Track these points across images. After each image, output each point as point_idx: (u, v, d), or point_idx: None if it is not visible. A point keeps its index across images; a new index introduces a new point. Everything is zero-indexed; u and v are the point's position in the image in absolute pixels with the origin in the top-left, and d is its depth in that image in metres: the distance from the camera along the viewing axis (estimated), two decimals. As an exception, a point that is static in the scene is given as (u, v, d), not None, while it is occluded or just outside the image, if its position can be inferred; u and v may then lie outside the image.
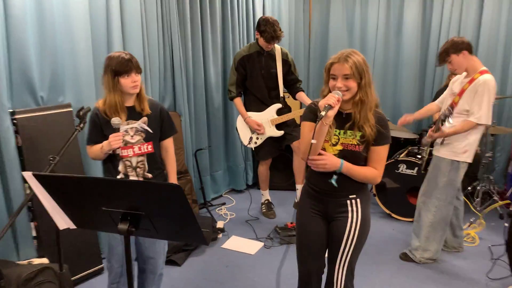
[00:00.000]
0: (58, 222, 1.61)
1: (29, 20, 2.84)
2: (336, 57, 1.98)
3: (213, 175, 4.76)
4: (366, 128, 1.99)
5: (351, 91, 1.97)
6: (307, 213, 2.20)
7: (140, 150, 2.35)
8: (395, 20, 5.40)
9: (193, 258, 3.52)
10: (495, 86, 3.07)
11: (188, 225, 1.45)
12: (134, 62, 2.26)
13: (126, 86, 2.26)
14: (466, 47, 3.10)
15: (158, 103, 2.49)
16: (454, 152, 3.17)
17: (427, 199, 3.33)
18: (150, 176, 2.41)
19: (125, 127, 2.32)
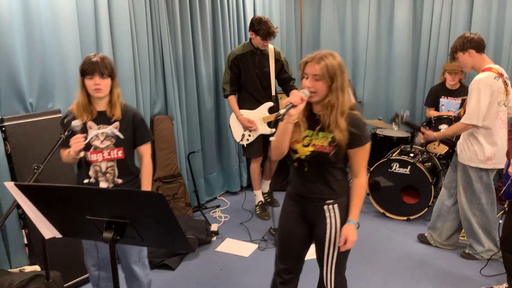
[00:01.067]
0: (44, 231, 1.60)
1: (16, 26, 2.83)
2: (311, 57, 1.97)
3: (207, 177, 4.75)
4: (336, 132, 1.97)
5: (319, 93, 1.96)
6: (289, 214, 2.22)
7: (109, 156, 2.33)
8: (386, 20, 5.41)
9: (187, 262, 3.51)
10: (492, 84, 3.01)
11: (172, 233, 1.44)
12: (101, 65, 2.22)
13: (89, 88, 2.26)
14: (474, 46, 3.07)
15: (132, 109, 2.44)
16: (479, 160, 3.15)
17: (470, 206, 3.32)
18: (121, 181, 2.38)
19: (95, 131, 2.30)
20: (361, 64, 5.64)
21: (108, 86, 2.29)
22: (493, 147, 3.12)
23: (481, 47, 3.10)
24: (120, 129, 2.35)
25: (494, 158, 3.14)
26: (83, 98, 2.29)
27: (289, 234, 2.22)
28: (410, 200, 4.12)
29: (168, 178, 4.06)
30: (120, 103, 2.38)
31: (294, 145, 2.05)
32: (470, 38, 3.08)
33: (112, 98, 2.33)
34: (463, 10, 4.87)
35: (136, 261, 2.49)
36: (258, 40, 3.89)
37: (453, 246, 3.61)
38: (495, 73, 3.06)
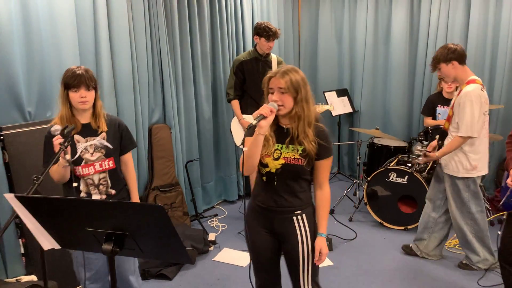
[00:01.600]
0: (43, 242, 1.59)
1: (15, 35, 2.83)
2: (274, 72, 2.05)
3: (205, 186, 4.75)
4: (306, 143, 2.03)
5: (286, 106, 2.01)
6: (255, 230, 2.21)
7: (101, 167, 2.33)
8: (383, 29, 5.45)
9: (184, 272, 3.49)
10: (480, 95, 3.08)
11: (172, 245, 1.44)
12: (86, 78, 2.21)
13: (74, 101, 2.23)
14: (456, 58, 3.12)
15: (116, 118, 2.47)
16: (465, 169, 3.19)
17: (461, 215, 3.33)
18: (114, 192, 2.38)
19: (83, 144, 2.29)
20: (359, 73, 5.67)
21: (93, 98, 2.28)
22: (477, 155, 3.18)
23: (463, 59, 3.17)
24: (108, 139, 2.35)
25: (479, 166, 3.20)
26: (67, 111, 2.26)
27: (261, 249, 2.22)
28: (407, 210, 4.13)
29: (166, 187, 4.06)
30: (103, 114, 2.38)
31: (264, 159, 2.08)
32: (454, 49, 3.13)
33: (96, 110, 2.33)
34: (460, 19, 4.92)
35: (132, 271, 2.48)
36: (263, 42, 4.01)
37: (439, 256, 3.62)
38: (479, 84, 3.13)
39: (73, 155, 2.26)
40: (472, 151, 3.17)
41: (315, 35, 5.92)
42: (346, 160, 6.01)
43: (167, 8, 4.01)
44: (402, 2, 5.24)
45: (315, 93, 5.99)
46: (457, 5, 4.91)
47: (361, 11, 5.53)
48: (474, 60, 4.87)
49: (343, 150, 5.97)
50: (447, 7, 4.97)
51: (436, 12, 5.03)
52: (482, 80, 4.82)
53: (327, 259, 3.64)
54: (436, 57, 3.19)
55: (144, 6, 3.75)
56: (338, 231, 4.13)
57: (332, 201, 4.71)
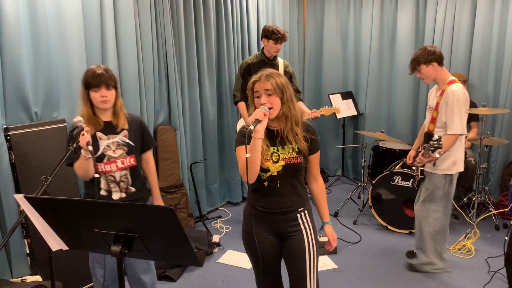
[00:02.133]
0: (51, 243, 1.59)
1: (23, 36, 2.84)
2: (258, 76, 2.07)
3: (209, 188, 4.75)
4: (298, 142, 2.10)
5: (275, 107, 2.05)
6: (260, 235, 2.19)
7: (123, 164, 2.35)
8: (388, 32, 5.45)
9: (188, 274, 3.49)
10: (465, 95, 3.12)
11: (181, 247, 1.44)
12: (106, 77, 2.24)
13: (95, 100, 2.27)
14: (436, 59, 3.16)
15: (137, 116, 2.50)
16: (446, 167, 3.21)
17: (425, 213, 3.34)
18: (134, 190, 2.41)
19: (106, 142, 2.32)
20: (364, 76, 5.66)
21: (114, 97, 2.32)
22: (457, 152, 3.20)
23: (442, 60, 3.20)
24: (129, 137, 2.38)
25: (458, 163, 3.21)
26: (88, 110, 2.30)
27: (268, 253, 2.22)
28: (412, 213, 4.09)
29: (170, 189, 4.06)
30: (124, 112, 2.41)
31: (264, 164, 2.09)
32: (433, 51, 3.17)
33: (116, 109, 2.36)
34: (465, 23, 4.91)
35: (145, 269, 2.50)
36: (271, 45, 4.02)
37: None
38: (460, 83, 3.17)
39: (95, 151, 2.28)
40: (454, 149, 3.18)
41: (320, 37, 5.92)
42: (350, 163, 6.00)
43: (173, 10, 4.02)
44: (408, 5, 5.24)
45: (320, 96, 5.99)
46: (463, 8, 4.91)
47: (366, 14, 5.53)
48: (480, 64, 4.87)
49: (347, 153, 5.96)
50: (452, 10, 4.97)
51: (442, 15, 5.03)
52: (487, 85, 4.85)
53: (331, 262, 3.64)
54: (416, 59, 3.21)
55: (151, 8, 3.76)
56: (342, 234, 4.12)
57: (336, 204, 4.77)
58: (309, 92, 6.11)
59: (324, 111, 3.97)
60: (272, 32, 3.96)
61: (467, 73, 5.00)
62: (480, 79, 4.92)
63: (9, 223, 2.85)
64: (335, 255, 3.78)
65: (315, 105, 5.96)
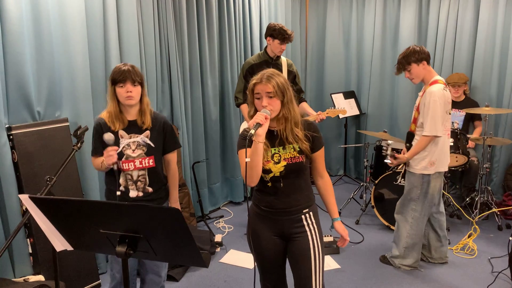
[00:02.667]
0: (55, 244, 1.59)
1: (26, 35, 2.84)
2: (259, 78, 2.05)
3: (211, 187, 4.74)
4: (299, 142, 2.08)
5: (275, 109, 2.03)
6: (263, 235, 2.19)
7: (141, 164, 2.35)
8: (391, 32, 5.44)
9: (191, 273, 3.48)
10: (444, 95, 3.09)
11: (187, 248, 1.43)
12: (132, 73, 2.26)
13: (120, 96, 2.28)
14: (425, 58, 3.15)
15: (162, 117, 2.49)
16: (423, 166, 3.21)
17: (404, 211, 3.38)
18: (151, 190, 2.41)
19: (126, 141, 2.33)
20: (366, 76, 5.65)
21: (139, 93, 2.32)
22: (436, 152, 3.18)
23: (429, 59, 3.19)
24: (151, 137, 2.38)
25: (437, 163, 3.19)
26: (115, 107, 2.32)
27: (271, 254, 2.21)
28: (415, 214, 4.10)
29: (172, 188, 4.05)
30: (150, 111, 2.41)
31: (265, 165, 2.08)
32: (422, 50, 3.14)
33: (142, 106, 2.36)
34: (468, 23, 4.90)
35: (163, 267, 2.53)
36: (276, 44, 3.84)
37: (446, 258, 3.58)
38: (443, 84, 3.14)
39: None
40: (432, 149, 3.17)
41: (322, 37, 5.91)
42: (352, 162, 5.99)
43: (176, 10, 4.01)
44: (411, 5, 5.23)
45: (322, 95, 5.98)
46: (466, 8, 4.89)
47: (369, 13, 5.51)
48: (483, 64, 4.85)
49: (349, 152, 5.95)
50: (455, 10, 4.95)
51: (445, 15, 5.01)
52: (490, 85, 4.83)
53: (334, 262, 3.63)
54: (406, 57, 3.16)
55: (154, 7, 3.75)
56: (345, 234, 4.11)
57: (339, 203, 4.75)
58: (311, 91, 6.10)
59: (330, 113, 3.91)
60: (278, 32, 3.79)
61: (470, 73, 4.99)
62: (483, 79, 4.90)
63: (11, 222, 2.84)
64: (338, 255, 3.77)
65: (318, 105, 5.95)
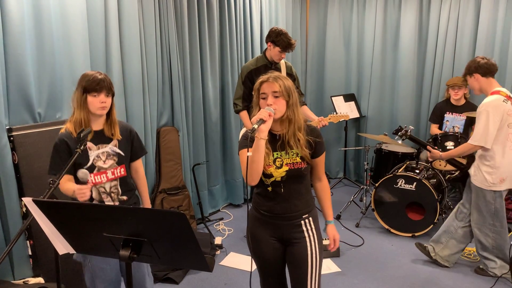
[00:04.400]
0: (58, 247, 1.58)
1: (27, 36, 2.82)
2: (266, 77, 2.05)
3: (211, 189, 4.73)
4: (298, 146, 2.07)
5: (280, 110, 2.03)
6: (263, 239, 2.19)
7: (113, 175, 2.31)
8: (391, 35, 5.44)
9: (191, 276, 3.47)
10: (499, 106, 3.06)
11: (191, 252, 1.42)
12: (107, 83, 2.21)
13: (93, 105, 2.21)
14: (479, 71, 3.16)
15: (126, 125, 2.45)
16: (492, 182, 3.17)
17: (482, 227, 3.32)
18: (126, 198, 2.36)
19: (95, 152, 2.26)
20: (366, 79, 5.65)
21: (110, 104, 2.27)
22: (505, 168, 3.14)
23: (488, 72, 3.17)
24: (120, 146, 2.33)
25: (506, 180, 3.16)
26: (85, 115, 2.23)
27: (270, 258, 2.21)
28: (415, 217, 4.10)
29: (173, 190, 4.04)
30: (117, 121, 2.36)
31: (267, 169, 2.07)
32: (477, 61, 3.18)
33: (112, 117, 2.31)
34: (469, 27, 4.91)
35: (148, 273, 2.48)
36: (276, 52, 3.71)
37: (452, 263, 3.58)
38: (503, 96, 3.12)
39: (85, 163, 2.23)
40: (500, 165, 3.13)
41: (323, 39, 5.91)
42: (352, 165, 5.99)
43: (177, 11, 4.00)
44: (411, 7, 5.23)
45: (322, 98, 5.98)
46: (466, 11, 4.90)
47: (369, 16, 5.52)
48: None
49: (349, 155, 5.95)
50: (456, 14, 4.97)
51: (445, 18, 5.03)
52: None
53: (334, 265, 3.62)
54: (465, 69, 3.29)
55: (155, 9, 3.74)
56: (345, 237, 4.11)
57: (338, 206, 4.75)
58: (311, 94, 6.10)
59: (333, 119, 3.84)
60: (281, 40, 3.62)
61: (470, 76, 4.99)
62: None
63: (12, 224, 2.83)
64: (338, 258, 3.76)
65: (318, 107, 5.95)
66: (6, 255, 1.47)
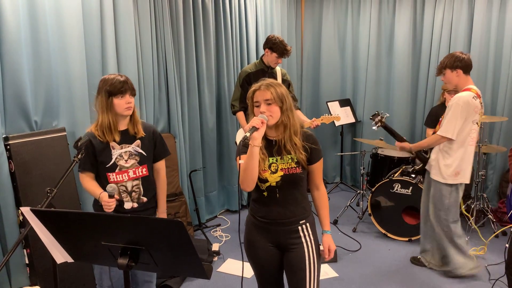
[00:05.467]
0: (56, 256, 1.58)
1: (23, 44, 2.83)
2: (258, 85, 2.08)
3: (208, 196, 4.73)
4: (296, 152, 2.08)
5: (275, 116, 2.04)
6: (260, 245, 2.19)
7: (135, 174, 2.35)
8: (386, 40, 5.48)
9: (189, 283, 3.47)
10: (470, 102, 3.13)
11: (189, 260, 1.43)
12: (130, 84, 2.30)
13: (120, 107, 2.27)
14: (462, 67, 3.20)
15: (151, 125, 2.51)
16: (448, 175, 3.24)
17: (436, 222, 3.38)
18: (145, 200, 2.41)
19: (118, 151, 2.31)
20: (361, 84, 5.68)
21: (133, 104, 2.35)
22: (461, 162, 3.23)
23: (469, 69, 3.24)
24: (142, 146, 2.38)
25: (461, 173, 3.24)
26: (111, 118, 2.28)
27: (267, 264, 2.21)
28: (411, 221, 4.12)
29: (170, 197, 4.03)
30: (139, 120, 2.42)
31: (262, 174, 2.08)
32: (461, 58, 3.21)
33: (134, 116, 2.38)
34: (463, 31, 4.95)
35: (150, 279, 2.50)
36: (273, 57, 3.97)
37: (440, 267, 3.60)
38: (474, 93, 3.19)
39: (108, 161, 2.30)
40: (457, 158, 3.22)
41: (318, 44, 5.95)
42: (349, 170, 6.00)
43: (173, 18, 4.02)
44: (405, 12, 5.28)
45: (318, 103, 6.01)
46: (460, 15, 4.95)
47: (364, 20, 5.56)
48: (477, 72, 4.89)
49: (345, 160, 5.97)
50: (450, 19, 5.01)
51: (439, 22, 5.07)
52: (485, 92, 4.87)
53: (331, 271, 3.63)
54: (444, 63, 3.27)
55: (151, 16, 3.76)
56: (342, 242, 4.12)
57: (335, 211, 4.76)
58: (307, 99, 6.12)
59: (325, 119, 3.98)
60: (278, 46, 3.90)
61: (464, 80, 5.02)
62: (478, 86, 4.83)
63: (8, 232, 2.82)
64: (336, 263, 3.77)
65: (313, 112, 5.97)
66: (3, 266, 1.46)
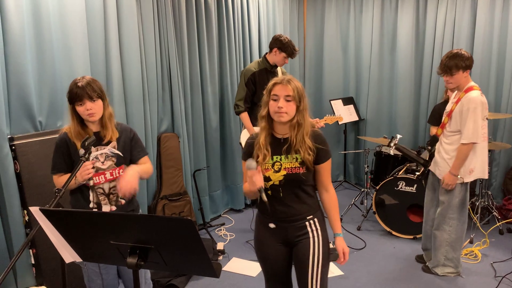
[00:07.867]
0: (64, 255, 1.58)
1: (28, 45, 2.83)
2: (280, 79, 2.06)
3: (212, 195, 4.73)
4: (303, 152, 2.05)
5: (290, 114, 2.03)
6: (268, 243, 2.20)
7: (112, 176, 2.30)
8: (389, 38, 5.47)
9: (194, 282, 3.47)
10: (483, 102, 3.08)
11: (198, 258, 1.43)
12: (88, 90, 2.14)
13: (82, 114, 2.19)
14: (470, 67, 3.11)
15: (126, 126, 2.43)
16: (463, 174, 3.18)
17: (441, 220, 3.34)
18: (124, 202, 2.36)
19: (94, 153, 2.25)
20: (364, 82, 5.67)
21: (101, 107, 2.23)
22: (475, 159, 3.18)
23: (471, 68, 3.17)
24: (118, 147, 2.33)
25: (475, 170, 3.19)
26: (76, 125, 2.22)
27: (275, 262, 2.22)
28: (416, 219, 4.11)
29: (174, 196, 4.04)
30: (113, 122, 2.34)
31: (265, 173, 2.07)
32: (469, 57, 3.09)
33: (104, 119, 2.27)
34: (466, 29, 4.94)
35: (142, 283, 2.46)
36: (281, 57, 3.96)
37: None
38: (478, 90, 3.13)
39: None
40: (471, 155, 3.15)
41: (321, 43, 5.94)
42: (352, 168, 6.00)
43: (176, 19, 4.02)
44: (408, 10, 5.27)
45: (321, 101, 6.00)
46: (463, 13, 4.93)
47: (366, 19, 5.55)
48: (480, 70, 4.89)
49: (349, 158, 5.96)
50: (452, 16, 5.00)
51: (442, 20, 5.05)
52: (488, 89, 4.87)
53: (337, 269, 3.62)
54: (455, 64, 3.05)
55: (154, 17, 3.76)
56: (347, 240, 4.08)
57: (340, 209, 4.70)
58: (310, 97, 6.03)
59: (328, 120, 3.96)
60: (288, 47, 3.91)
61: (468, 78, 5.02)
62: (481, 84, 4.93)
63: (14, 232, 2.83)
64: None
65: (317, 111, 5.96)
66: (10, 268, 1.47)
